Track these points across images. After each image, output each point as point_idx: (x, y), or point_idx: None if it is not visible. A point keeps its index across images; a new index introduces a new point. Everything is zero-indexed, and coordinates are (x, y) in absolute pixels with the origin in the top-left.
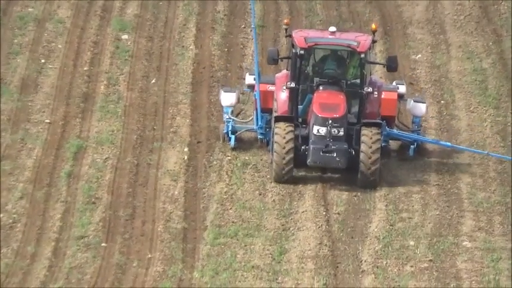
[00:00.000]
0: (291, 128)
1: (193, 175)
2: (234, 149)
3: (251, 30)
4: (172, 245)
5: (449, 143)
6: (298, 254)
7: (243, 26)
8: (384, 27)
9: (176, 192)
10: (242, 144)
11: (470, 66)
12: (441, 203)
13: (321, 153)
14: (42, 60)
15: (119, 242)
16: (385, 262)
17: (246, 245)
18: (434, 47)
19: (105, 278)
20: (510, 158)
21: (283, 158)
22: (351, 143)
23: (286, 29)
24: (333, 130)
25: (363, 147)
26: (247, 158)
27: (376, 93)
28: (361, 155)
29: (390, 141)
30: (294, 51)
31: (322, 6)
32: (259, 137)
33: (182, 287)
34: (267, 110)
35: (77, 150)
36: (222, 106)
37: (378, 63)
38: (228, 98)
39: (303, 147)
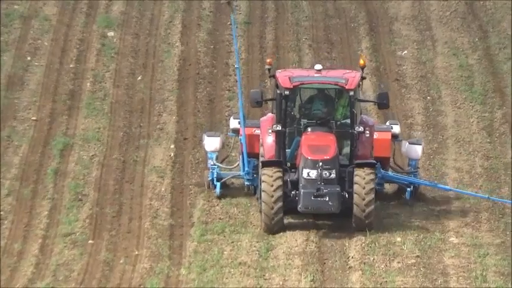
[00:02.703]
0: (278, 174)
1: (179, 172)
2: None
3: (234, 69)
4: (159, 242)
5: (448, 187)
6: (285, 250)
7: (228, 23)
8: (369, 24)
9: (163, 189)
10: (228, 191)
11: (456, 62)
12: (428, 199)
13: (312, 198)
14: (28, 58)
15: (106, 239)
16: (372, 258)
17: (233, 242)
18: (420, 43)
19: (92, 275)
20: (511, 201)
21: (272, 208)
22: (343, 186)
23: (269, 69)
24: (324, 173)
25: (356, 188)
26: (233, 155)
27: (368, 133)
28: (355, 197)
29: (385, 184)
30: (278, 92)
31: (308, 2)
32: (246, 183)
33: (169, 283)
34: (253, 155)
35: (64, 148)
36: (205, 151)
37: (368, 101)
38: (211, 143)
39: (292, 192)
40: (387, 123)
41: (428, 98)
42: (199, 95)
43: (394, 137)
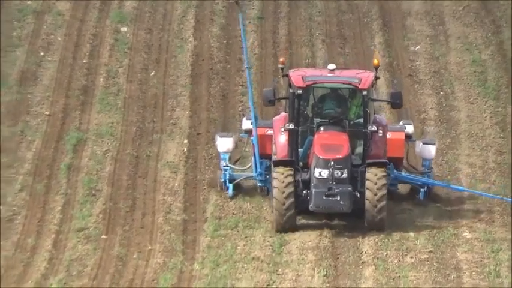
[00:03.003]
0: (290, 172)
1: (193, 167)
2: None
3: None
4: (172, 237)
5: (461, 187)
6: (298, 245)
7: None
8: (382, 19)
9: (176, 184)
10: (241, 189)
11: (470, 58)
12: (441, 194)
13: (324, 197)
14: (41, 53)
15: (119, 234)
16: (385, 253)
17: (246, 237)
18: (433, 39)
19: (105, 270)
20: None
21: (283, 204)
22: (355, 186)
23: (282, 68)
24: (335, 172)
25: (368, 184)
26: (247, 150)
27: (381, 132)
28: (367, 192)
29: (399, 184)
30: (291, 91)
31: None
32: (258, 184)
33: (183, 278)
34: (266, 156)
35: (77, 143)
36: (218, 152)
37: (381, 101)
38: (224, 144)
39: (304, 191)
40: (401, 123)
41: (442, 93)
42: (213, 90)
43: (408, 137)
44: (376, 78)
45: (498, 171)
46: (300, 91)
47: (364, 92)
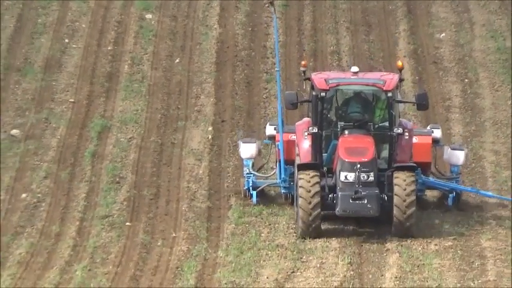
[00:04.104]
0: (316, 179)
1: (217, 154)
2: None
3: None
4: (196, 224)
5: (491, 193)
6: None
7: (267, 5)
8: (407, 6)
9: (200, 172)
10: (265, 195)
11: (494, 45)
12: (465, 181)
13: (351, 201)
14: (66, 40)
15: (144, 221)
16: (409, 240)
17: (270, 224)
18: (458, 26)
19: (129, 257)
20: None
21: (310, 214)
22: (382, 189)
23: (304, 72)
24: (362, 175)
25: (396, 190)
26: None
27: (407, 135)
28: (395, 199)
29: (427, 190)
30: (314, 94)
31: None
32: (282, 191)
33: (207, 265)
34: (290, 162)
35: (101, 130)
36: (241, 158)
37: (406, 102)
38: (247, 150)
39: (330, 195)
40: (428, 127)
41: (466, 80)
42: (237, 77)
43: (435, 141)
44: (401, 80)
45: None
46: (323, 94)
47: (389, 94)
